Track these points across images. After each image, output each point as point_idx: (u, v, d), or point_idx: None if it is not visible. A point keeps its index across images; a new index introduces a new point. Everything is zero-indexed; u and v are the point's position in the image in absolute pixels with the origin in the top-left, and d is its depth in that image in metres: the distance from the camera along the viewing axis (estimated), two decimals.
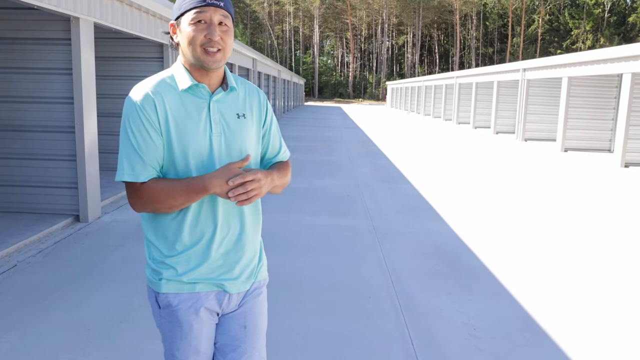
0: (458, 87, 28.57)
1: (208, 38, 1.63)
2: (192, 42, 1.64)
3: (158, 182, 1.63)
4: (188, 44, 1.66)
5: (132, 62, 8.91)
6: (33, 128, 6.21)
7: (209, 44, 1.64)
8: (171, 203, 1.62)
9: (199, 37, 1.64)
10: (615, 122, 17.08)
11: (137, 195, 1.64)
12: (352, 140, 17.96)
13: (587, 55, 14.55)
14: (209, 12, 1.64)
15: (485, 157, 14.20)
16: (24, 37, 6.12)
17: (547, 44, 68.18)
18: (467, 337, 3.61)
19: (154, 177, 1.65)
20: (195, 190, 1.61)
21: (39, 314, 3.74)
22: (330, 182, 9.44)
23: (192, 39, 1.64)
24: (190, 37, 1.64)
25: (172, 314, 1.74)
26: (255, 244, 1.85)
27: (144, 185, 1.63)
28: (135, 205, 1.67)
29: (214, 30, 1.64)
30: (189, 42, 1.65)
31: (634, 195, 9.14)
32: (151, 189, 1.62)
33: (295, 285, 4.46)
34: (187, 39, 1.65)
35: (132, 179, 1.62)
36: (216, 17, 1.65)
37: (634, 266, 5.24)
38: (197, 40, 1.64)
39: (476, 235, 6.23)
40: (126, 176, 1.62)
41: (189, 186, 1.61)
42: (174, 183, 1.62)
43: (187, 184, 1.61)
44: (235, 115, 1.75)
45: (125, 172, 1.63)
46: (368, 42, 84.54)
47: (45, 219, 6.07)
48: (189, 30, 1.64)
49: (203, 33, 1.64)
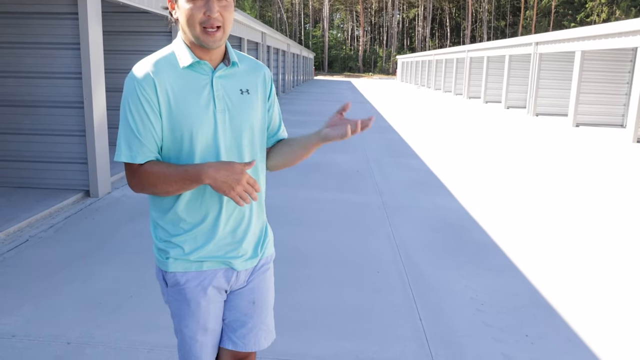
0: (469, 61, 28.20)
1: (207, 15, 1.57)
2: (190, 20, 1.59)
3: (155, 165, 1.61)
4: (187, 22, 1.60)
5: (140, 36, 8.85)
6: (42, 103, 6.22)
7: (208, 21, 1.58)
8: (166, 188, 1.60)
9: (198, 14, 1.57)
10: (628, 97, 16.81)
11: (135, 176, 1.63)
12: (361, 114, 17.84)
13: (601, 29, 14.25)
14: None
15: (496, 132, 14.08)
16: (32, 12, 6.08)
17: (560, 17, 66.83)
18: (474, 312, 3.63)
19: (152, 159, 1.63)
20: (190, 178, 1.57)
21: (52, 288, 3.79)
22: (339, 158, 9.42)
23: (190, 16, 1.58)
24: (189, 15, 1.58)
25: (180, 292, 1.74)
26: (261, 220, 1.85)
27: (141, 167, 1.62)
28: (133, 186, 1.66)
29: (212, 6, 1.57)
30: (188, 20, 1.59)
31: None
32: (148, 173, 1.60)
33: (304, 260, 4.49)
34: (186, 16, 1.59)
35: (129, 159, 1.61)
36: None
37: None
38: (195, 19, 1.58)
39: (485, 210, 6.21)
40: (123, 157, 1.61)
41: (185, 173, 1.58)
42: (170, 168, 1.60)
43: (183, 170, 1.58)
44: (239, 90, 1.72)
45: (122, 153, 1.61)
46: (378, 15, 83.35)
47: (56, 194, 6.12)
48: (187, 7, 1.58)
49: (201, 10, 1.57)
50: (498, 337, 3.31)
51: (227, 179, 1.55)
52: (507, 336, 3.32)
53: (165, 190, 1.61)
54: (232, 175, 1.55)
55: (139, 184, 1.63)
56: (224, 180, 1.55)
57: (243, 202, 1.57)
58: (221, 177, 1.55)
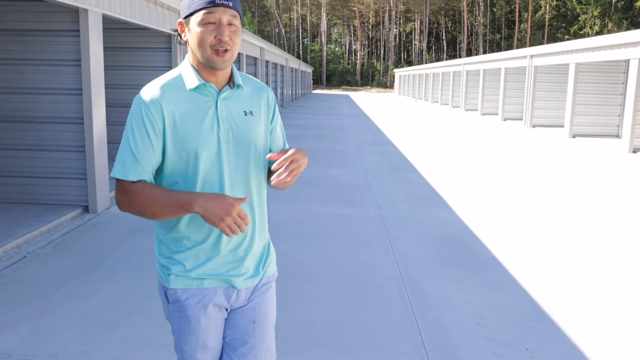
0: (466, 74, 28.37)
1: (218, 39, 1.64)
2: (201, 43, 1.65)
3: (147, 186, 1.64)
4: (198, 45, 1.66)
5: (141, 52, 8.91)
6: (42, 119, 6.24)
7: (219, 44, 1.64)
8: (155, 210, 1.62)
9: (209, 37, 1.64)
10: (622, 108, 16.92)
11: (125, 194, 1.65)
12: (359, 128, 17.91)
13: (594, 41, 14.39)
14: (218, 13, 1.63)
15: (493, 144, 14.13)
16: (33, 29, 6.13)
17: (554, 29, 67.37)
18: (474, 326, 3.62)
19: (145, 179, 1.65)
20: (180, 204, 1.59)
21: (50, 306, 3.78)
22: (338, 171, 9.44)
23: (201, 40, 1.64)
24: (200, 38, 1.65)
25: (180, 309, 1.76)
26: (263, 238, 1.87)
27: (132, 185, 1.64)
28: (120, 204, 1.67)
29: (223, 30, 1.64)
30: (199, 43, 1.65)
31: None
32: (139, 192, 1.63)
33: (304, 275, 4.49)
34: (197, 39, 1.65)
35: (121, 176, 1.64)
36: (225, 17, 1.65)
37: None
38: (206, 42, 1.64)
39: (484, 223, 6.22)
40: (116, 173, 1.65)
41: (176, 199, 1.60)
42: (163, 192, 1.63)
43: (175, 196, 1.61)
44: (243, 112, 1.76)
45: (116, 170, 1.65)
46: (375, 29, 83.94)
47: (55, 209, 6.13)
48: (199, 30, 1.64)
49: (213, 34, 1.64)
50: (498, 351, 3.30)
51: (217, 210, 1.57)
52: (507, 350, 3.31)
53: (153, 212, 1.63)
54: (222, 207, 1.57)
55: (127, 202, 1.65)
56: (213, 210, 1.57)
57: (232, 233, 1.59)
58: (211, 207, 1.57)
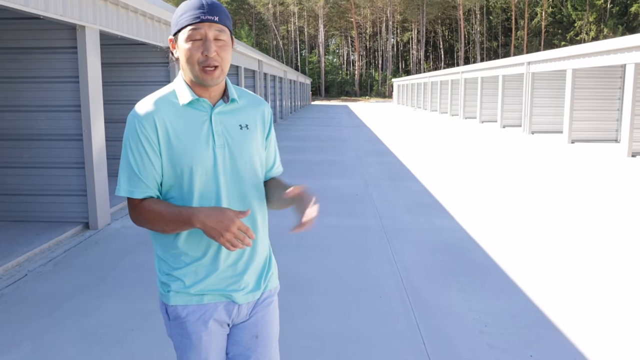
0: (464, 82, 28.46)
1: (205, 55, 1.63)
2: (189, 60, 1.65)
3: (154, 203, 1.65)
4: (186, 62, 1.66)
5: (138, 67, 8.95)
6: (41, 136, 6.26)
7: (206, 61, 1.63)
8: (163, 227, 1.65)
9: (196, 54, 1.64)
10: (620, 113, 16.95)
11: (135, 211, 1.68)
12: (359, 138, 17.94)
13: (589, 47, 14.45)
14: (204, 28, 1.63)
15: (493, 151, 14.14)
16: (31, 47, 6.16)
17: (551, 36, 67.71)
18: (478, 334, 3.60)
19: (151, 195, 1.68)
20: (182, 220, 1.60)
21: (51, 324, 3.76)
22: (338, 182, 9.44)
23: (189, 56, 1.64)
24: (188, 55, 1.65)
25: (181, 325, 1.74)
26: (264, 252, 1.85)
27: (141, 203, 1.67)
28: (134, 220, 1.71)
29: (209, 46, 1.63)
30: (187, 60, 1.65)
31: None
32: (147, 210, 1.65)
33: (307, 286, 4.47)
34: (185, 56, 1.66)
35: (128, 194, 1.66)
36: (211, 32, 1.64)
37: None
38: (194, 58, 1.64)
39: (485, 231, 6.21)
40: (122, 191, 1.67)
41: (179, 215, 1.61)
42: (167, 208, 1.63)
43: (178, 212, 1.61)
44: (238, 126, 1.75)
45: (122, 188, 1.67)
46: (373, 39, 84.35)
47: (55, 227, 6.12)
48: (186, 47, 1.65)
49: (199, 50, 1.63)
50: (502, 358, 3.28)
51: (217, 226, 1.56)
52: (511, 357, 3.29)
53: (162, 228, 1.65)
54: (222, 222, 1.56)
55: (138, 219, 1.69)
56: (213, 226, 1.56)
57: (233, 248, 1.57)
58: (210, 222, 1.56)
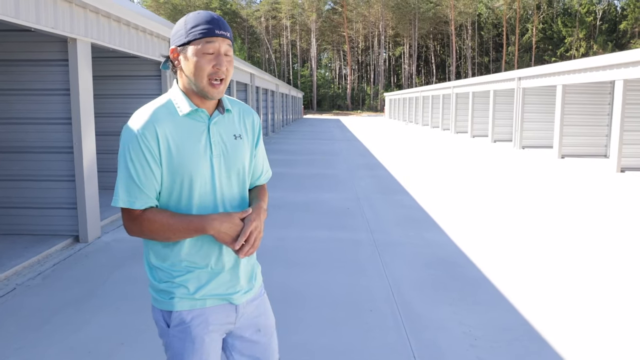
0: (455, 97, 28.68)
1: (216, 68, 1.67)
2: (199, 72, 1.67)
3: (158, 214, 1.67)
4: (194, 74, 1.68)
5: (130, 80, 8.96)
6: (31, 149, 6.23)
7: (216, 74, 1.67)
8: (168, 236, 1.68)
9: (207, 67, 1.67)
10: (610, 128, 17.14)
11: (135, 223, 1.69)
12: (351, 152, 17.99)
13: (579, 64, 14.65)
14: (218, 42, 1.67)
15: (484, 165, 14.23)
16: (22, 59, 6.16)
17: (541, 52, 68.57)
18: (468, 347, 3.61)
19: (152, 205, 1.70)
20: (194, 228, 1.67)
21: (40, 338, 3.73)
22: (329, 196, 9.45)
23: (199, 69, 1.67)
24: (198, 67, 1.67)
25: (185, 330, 1.77)
26: (253, 255, 1.93)
27: (144, 214, 1.68)
28: (131, 232, 1.71)
29: (222, 60, 1.67)
30: (196, 72, 1.67)
31: (630, 199, 9.15)
32: (151, 220, 1.67)
33: (298, 300, 4.46)
34: (195, 68, 1.67)
35: (127, 205, 1.67)
36: (223, 47, 1.69)
37: (632, 271, 5.24)
38: (204, 71, 1.67)
39: (476, 244, 6.23)
40: (121, 202, 1.67)
41: (190, 224, 1.66)
42: (174, 218, 1.67)
43: (188, 221, 1.67)
44: (233, 136, 1.81)
45: (120, 199, 1.67)
46: (365, 54, 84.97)
47: (45, 240, 6.07)
48: (197, 60, 1.67)
49: (211, 63, 1.67)
50: None
51: (229, 231, 1.67)
52: None
53: (166, 237, 1.68)
54: (234, 227, 1.68)
55: (138, 230, 1.69)
56: (226, 231, 1.67)
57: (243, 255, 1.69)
58: (224, 229, 1.67)
